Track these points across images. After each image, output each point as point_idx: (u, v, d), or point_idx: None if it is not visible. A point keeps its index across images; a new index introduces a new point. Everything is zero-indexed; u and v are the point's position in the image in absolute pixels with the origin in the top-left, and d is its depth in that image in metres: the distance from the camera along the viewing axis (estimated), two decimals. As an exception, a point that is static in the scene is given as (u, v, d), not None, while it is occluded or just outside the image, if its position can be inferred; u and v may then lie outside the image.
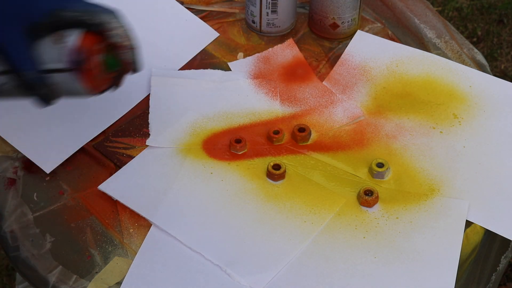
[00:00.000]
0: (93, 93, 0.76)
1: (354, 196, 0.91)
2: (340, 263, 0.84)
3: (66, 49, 0.73)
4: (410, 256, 0.85)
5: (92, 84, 0.75)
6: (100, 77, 0.75)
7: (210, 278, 0.83)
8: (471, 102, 1.01)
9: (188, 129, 0.97)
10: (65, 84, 0.74)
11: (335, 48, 1.10)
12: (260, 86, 1.03)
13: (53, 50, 0.73)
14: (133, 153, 0.95)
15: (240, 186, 0.91)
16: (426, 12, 1.14)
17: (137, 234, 0.87)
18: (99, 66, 0.75)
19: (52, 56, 0.73)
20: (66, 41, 0.73)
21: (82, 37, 0.73)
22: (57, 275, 0.84)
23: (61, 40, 0.73)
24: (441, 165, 0.94)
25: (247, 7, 1.10)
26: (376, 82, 1.04)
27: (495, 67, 2.06)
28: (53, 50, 0.73)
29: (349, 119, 0.99)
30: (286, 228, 0.87)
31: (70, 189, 0.92)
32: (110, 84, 0.77)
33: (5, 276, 1.63)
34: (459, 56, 1.08)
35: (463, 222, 0.88)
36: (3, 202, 0.90)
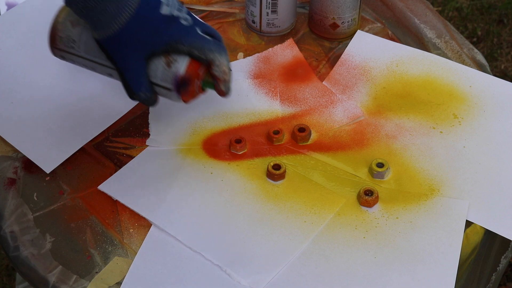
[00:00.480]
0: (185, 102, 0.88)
1: (354, 196, 0.91)
2: (340, 263, 0.84)
3: (174, 74, 0.84)
4: (410, 256, 0.85)
5: (188, 99, 0.87)
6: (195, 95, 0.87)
7: (210, 278, 0.83)
8: (471, 102, 1.01)
9: (188, 129, 0.97)
10: (166, 95, 0.86)
11: (335, 48, 1.10)
12: (260, 86, 1.03)
13: (162, 70, 0.84)
14: (133, 153, 0.95)
15: (240, 186, 0.91)
16: (426, 12, 1.14)
17: (137, 234, 0.87)
18: (197, 88, 0.86)
19: (160, 75, 0.84)
20: (175, 66, 0.84)
21: (189, 64, 0.84)
22: (57, 275, 0.84)
23: (171, 64, 0.84)
24: (441, 165, 0.94)
25: (247, 7, 1.10)
26: (376, 82, 1.04)
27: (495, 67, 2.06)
28: (163, 70, 0.84)
29: (349, 119, 0.99)
30: (286, 228, 0.87)
31: (70, 189, 0.92)
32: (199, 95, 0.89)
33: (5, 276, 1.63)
34: (459, 56, 1.08)
35: (463, 222, 0.88)
36: (3, 202, 0.90)
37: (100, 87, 1.03)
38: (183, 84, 0.84)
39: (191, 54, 0.84)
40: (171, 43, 0.83)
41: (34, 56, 1.07)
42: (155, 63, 0.84)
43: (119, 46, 0.82)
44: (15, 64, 1.06)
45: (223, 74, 0.85)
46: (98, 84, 1.03)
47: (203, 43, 0.84)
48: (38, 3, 1.14)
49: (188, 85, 0.85)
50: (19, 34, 1.10)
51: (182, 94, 0.85)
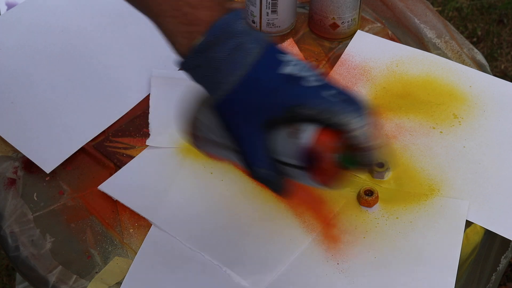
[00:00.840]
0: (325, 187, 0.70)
1: (354, 196, 0.91)
2: (340, 263, 0.84)
3: (300, 146, 0.68)
4: (410, 256, 0.85)
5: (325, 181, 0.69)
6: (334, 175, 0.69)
7: (210, 278, 0.83)
8: (471, 102, 1.01)
9: (188, 129, 0.97)
10: (296, 177, 0.70)
11: (335, 48, 1.10)
12: (260, 86, 1.03)
13: (287, 144, 0.69)
14: (133, 153, 0.95)
15: (240, 186, 0.91)
16: (426, 12, 1.14)
17: (137, 234, 0.87)
18: (334, 165, 0.68)
19: (285, 149, 0.69)
20: (301, 136, 0.68)
21: (318, 134, 0.67)
22: (57, 275, 0.84)
23: (295, 135, 0.68)
24: (441, 165, 0.94)
25: (247, 7, 1.10)
26: (376, 82, 1.04)
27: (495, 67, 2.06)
28: (287, 144, 0.69)
29: (349, 119, 0.99)
30: (286, 228, 0.87)
31: (70, 189, 0.92)
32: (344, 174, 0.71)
33: (5, 276, 1.63)
34: (459, 56, 1.08)
35: (463, 222, 0.88)
36: (3, 202, 0.90)
37: (100, 87, 1.03)
38: (310, 160, 0.68)
39: (319, 120, 0.67)
40: (293, 107, 0.67)
41: (34, 56, 1.07)
42: (276, 135, 0.69)
43: (233, 111, 0.69)
44: (15, 64, 1.06)
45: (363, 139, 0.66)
46: (98, 84, 1.03)
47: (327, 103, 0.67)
48: (38, 3, 1.14)
49: (317, 160, 0.67)
50: (19, 34, 1.10)
51: (315, 173, 0.69)
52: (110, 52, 1.08)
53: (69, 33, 1.10)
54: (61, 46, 1.08)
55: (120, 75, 1.04)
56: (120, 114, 0.99)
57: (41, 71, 1.04)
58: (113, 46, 1.09)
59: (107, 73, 1.05)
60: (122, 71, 1.05)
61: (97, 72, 1.05)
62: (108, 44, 1.09)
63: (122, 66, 1.06)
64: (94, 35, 1.10)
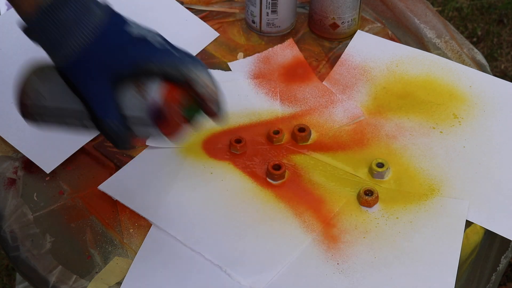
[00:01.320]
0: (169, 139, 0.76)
1: (354, 196, 0.90)
2: (340, 263, 0.84)
3: (147, 100, 0.73)
4: (410, 256, 0.85)
5: (171, 132, 0.75)
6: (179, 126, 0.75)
7: (210, 278, 0.83)
8: (471, 102, 1.01)
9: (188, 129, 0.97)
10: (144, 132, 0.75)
11: (335, 48, 1.10)
12: (260, 86, 1.03)
13: (135, 99, 0.74)
14: (133, 153, 0.95)
15: (240, 186, 0.91)
16: (426, 12, 1.14)
17: (137, 234, 0.87)
18: (179, 116, 0.74)
19: (133, 105, 0.74)
20: (148, 92, 0.73)
21: (163, 89, 0.73)
22: (57, 275, 0.84)
23: (143, 90, 0.73)
24: (441, 165, 0.94)
25: (247, 7, 1.10)
26: (376, 82, 1.04)
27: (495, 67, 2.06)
28: (135, 99, 0.74)
29: (349, 119, 0.99)
30: (286, 228, 0.87)
31: (70, 189, 0.92)
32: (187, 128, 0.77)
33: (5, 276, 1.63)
34: (459, 56, 1.08)
35: (463, 222, 0.88)
36: (3, 202, 0.90)
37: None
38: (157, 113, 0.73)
39: (165, 74, 0.73)
40: (139, 63, 0.72)
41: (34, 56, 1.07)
42: (124, 92, 0.74)
43: (82, 71, 0.72)
44: (15, 64, 1.06)
45: (208, 91, 0.73)
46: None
47: (178, 60, 0.73)
48: (38, 3, 1.14)
49: (164, 113, 0.73)
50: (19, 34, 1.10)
51: (161, 127, 0.74)
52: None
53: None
54: (61, 46, 1.08)
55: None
56: (120, 114, 0.99)
57: (41, 71, 1.04)
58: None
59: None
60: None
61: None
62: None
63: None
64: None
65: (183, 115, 0.74)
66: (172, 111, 0.73)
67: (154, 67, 0.72)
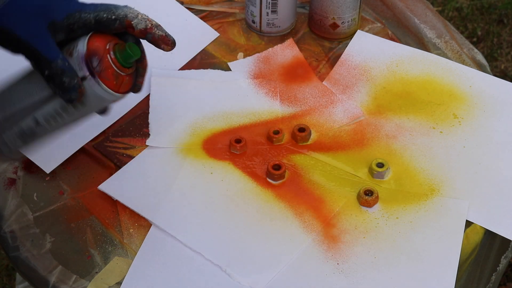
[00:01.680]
0: (118, 93, 0.77)
1: (354, 196, 0.91)
2: (340, 263, 0.84)
3: (79, 57, 0.74)
4: (410, 256, 0.85)
5: (114, 84, 0.76)
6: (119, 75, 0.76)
7: (210, 278, 0.83)
8: (471, 102, 1.01)
9: (188, 129, 0.97)
10: (90, 90, 0.75)
11: (335, 48, 1.10)
12: (260, 86, 1.03)
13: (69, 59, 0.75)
14: (133, 153, 0.95)
15: (240, 186, 0.91)
16: (426, 12, 1.14)
17: (137, 234, 0.87)
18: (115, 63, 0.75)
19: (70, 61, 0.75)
20: (77, 49, 0.74)
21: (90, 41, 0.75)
22: (57, 275, 0.84)
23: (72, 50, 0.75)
24: (441, 165, 0.94)
25: (247, 7, 1.10)
26: (376, 82, 1.04)
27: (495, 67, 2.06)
28: (70, 62, 0.75)
29: (349, 119, 0.99)
30: (286, 228, 0.87)
31: (70, 189, 0.92)
32: (131, 82, 0.79)
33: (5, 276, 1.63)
34: (459, 56, 1.08)
35: (463, 222, 0.88)
36: (3, 202, 0.90)
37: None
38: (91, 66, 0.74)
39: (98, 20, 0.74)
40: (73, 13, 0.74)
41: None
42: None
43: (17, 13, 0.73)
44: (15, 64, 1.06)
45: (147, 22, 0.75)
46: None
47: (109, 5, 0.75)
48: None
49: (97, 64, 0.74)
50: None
51: (102, 79, 0.75)
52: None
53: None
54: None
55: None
56: (120, 114, 0.99)
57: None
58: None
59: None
60: (122, 71, 1.05)
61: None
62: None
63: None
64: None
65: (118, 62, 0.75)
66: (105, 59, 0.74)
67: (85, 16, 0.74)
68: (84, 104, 0.76)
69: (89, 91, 0.75)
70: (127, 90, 0.78)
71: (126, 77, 0.77)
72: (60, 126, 0.79)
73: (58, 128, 0.79)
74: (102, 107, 0.80)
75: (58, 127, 0.79)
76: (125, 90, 0.77)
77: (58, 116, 0.77)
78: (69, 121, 0.79)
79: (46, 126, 0.78)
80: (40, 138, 0.79)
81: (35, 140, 0.79)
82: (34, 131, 0.78)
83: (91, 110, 0.79)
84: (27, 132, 0.77)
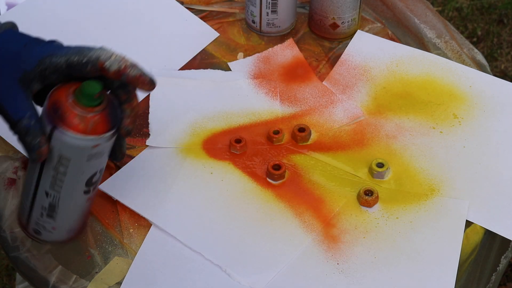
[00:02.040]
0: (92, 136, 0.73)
1: (354, 196, 0.90)
2: (340, 263, 0.84)
3: (43, 113, 0.73)
4: (410, 256, 0.85)
5: (81, 127, 0.73)
6: (85, 116, 0.73)
7: (210, 278, 0.83)
8: (471, 102, 1.01)
9: (188, 129, 0.97)
10: (60, 143, 0.73)
11: (335, 48, 1.10)
12: (260, 86, 1.03)
13: None
14: (133, 153, 0.95)
15: (240, 186, 0.91)
16: (426, 12, 1.14)
17: (137, 234, 0.87)
18: (76, 106, 0.72)
19: None
20: (44, 106, 0.73)
21: (51, 94, 0.73)
22: (57, 275, 0.84)
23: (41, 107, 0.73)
24: (441, 165, 0.94)
25: (247, 7, 1.10)
26: (376, 82, 1.04)
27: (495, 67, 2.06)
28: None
29: (349, 119, 0.99)
30: (286, 228, 0.87)
31: (70, 189, 0.92)
32: (107, 120, 0.74)
33: (5, 276, 1.63)
34: (459, 56, 1.08)
35: (463, 222, 0.88)
36: (3, 202, 0.90)
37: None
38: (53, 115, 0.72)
39: (69, 64, 0.72)
40: (43, 60, 0.72)
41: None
42: None
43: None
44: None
45: (122, 62, 0.72)
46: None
47: (83, 47, 0.73)
48: (38, 3, 1.14)
49: (59, 111, 0.72)
50: (19, 34, 1.10)
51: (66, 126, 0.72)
52: (110, 52, 1.08)
53: (69, 33, 1.10)
54: (61, 46, 1.08)
55: (120, 75, 1.04)
56: (120, 114, 0.99)
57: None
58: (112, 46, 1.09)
59: (107, 73, 1.05)
60: (122, 71, 1.05)
61: (97, 72, 1.05)
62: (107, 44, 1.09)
63: (122, 66, 1.06)
64: (94, 35, 1.10)
65: (78, 100, 0.72)
66: (62, 102, 0.72)
67: (56, 60, 0.72)
68: (67, 158, 0.74)
69: (60, 143, 0.73)
70: (107, 130, 0.74)
71: (95, 116, 0.73)
72: (70, 189, 0.78)
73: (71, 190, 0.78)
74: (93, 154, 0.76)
75: (69, 190, 0.78)
76: (102, 130, 0.74)
77: (59, 180, 0.76)
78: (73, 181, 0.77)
79: (56, 193, 0.77)
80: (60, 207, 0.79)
81: (58, 210, 0.79)
82: (51, 203, 0.78)
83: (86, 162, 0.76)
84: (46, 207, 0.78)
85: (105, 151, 0.77)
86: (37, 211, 0.79)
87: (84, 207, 0.81)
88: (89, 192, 0.79)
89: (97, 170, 0.78)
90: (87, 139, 0.73)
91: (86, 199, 0.80)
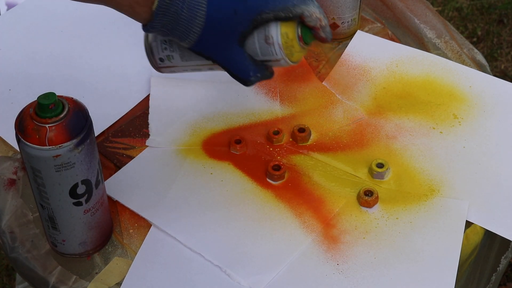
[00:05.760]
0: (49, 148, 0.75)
1: (354, 196, 0.90)
2: (340, 263, 0.84)
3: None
4: (410, 256, 0.85)
5: (37, 137, 0.74)
6: (41, 125, 0.75)
7: (210, 278, 0.83)
8: (471, 102, 1.01)
9: (188, 130, 0.97)
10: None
11: (335, 48, 1.10)
12: (260, 86, 1.03)
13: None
14: (133, 153, 0.95)
15: (240, 187, 0.91)
16: (426, 12, 1.14)
17: (137, 235, 0.87)
18: (33, 115, 0.75)
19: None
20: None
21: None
22: (57, 275, 0.84)
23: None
24: (441, 165, 0.94)
25: (247, 7, 1.10)
26: (376, 82, 1.04)
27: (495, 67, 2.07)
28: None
29: (349, 120, 0.99)
30: (286, 228, 0.87)
31: (70, 190, 0.92)
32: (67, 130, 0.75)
33: (5, 276, 1.63)
34: (459, 56, 1.08)
35: (463, 222, 0.88)
36: (3, 202, 0.90)
37: (100, 87, 1.03)
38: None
39: (278, 18, 0.81)
40: (255, 19, 0.80)
41: (34, 56, 1.07)
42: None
43: (210, 44, 0.81)
44: (15, 64, 1.06)
45: (318, 22, 0.82)
46: (98, 84, 1.03)
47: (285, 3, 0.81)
48: (38, 3, 1.14)
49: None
50: (19, 34, 1.10)
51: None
52: (110, 52, 1.08)
53: (69, 33, 1.10)
54: (61, 46, 1.08)
55: (120, 75, 1.04)
56: (120, 115, 0.99)
57: (41, 71, 1.04)
58: (112, 46, 1.09)
59: (107, 74, 1.05)
60: (122, 72, 1.05)
61: (97, 73, 1.05)
62: (107, 44, 1.09)
63: (122, 67, 1.06)
64: (94, 35, 1.10)
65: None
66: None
67: (268, 16, 0.80)
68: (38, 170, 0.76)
69: (26, 155, 0.76)
70: (66, 140, 0.75)
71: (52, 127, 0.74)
72: (57, 201, 0.79)
73: (58, 203, 0.79)
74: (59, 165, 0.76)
75: (56, 202, 0.79)
76: (60, 141, 0.74)
77: (43, 192, 0.79)
78: (55, 193, 0.79)
79: (47, 205, 0.80)
80: (58, 219, 0.81)
81: (58, 222, 0.81)
82: (49, 215, 0.80)
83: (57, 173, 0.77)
84: (48, 219, 0.81)
85: (76, 162, 0.76)
86: (45, 224, 0.82)
87: (85, 220, 0.81)
88: (81, 204, 0.79)
89: (77, 181, 0.77)
90: (44, 150, 0.74)
91: (83, 212, 0.80)
